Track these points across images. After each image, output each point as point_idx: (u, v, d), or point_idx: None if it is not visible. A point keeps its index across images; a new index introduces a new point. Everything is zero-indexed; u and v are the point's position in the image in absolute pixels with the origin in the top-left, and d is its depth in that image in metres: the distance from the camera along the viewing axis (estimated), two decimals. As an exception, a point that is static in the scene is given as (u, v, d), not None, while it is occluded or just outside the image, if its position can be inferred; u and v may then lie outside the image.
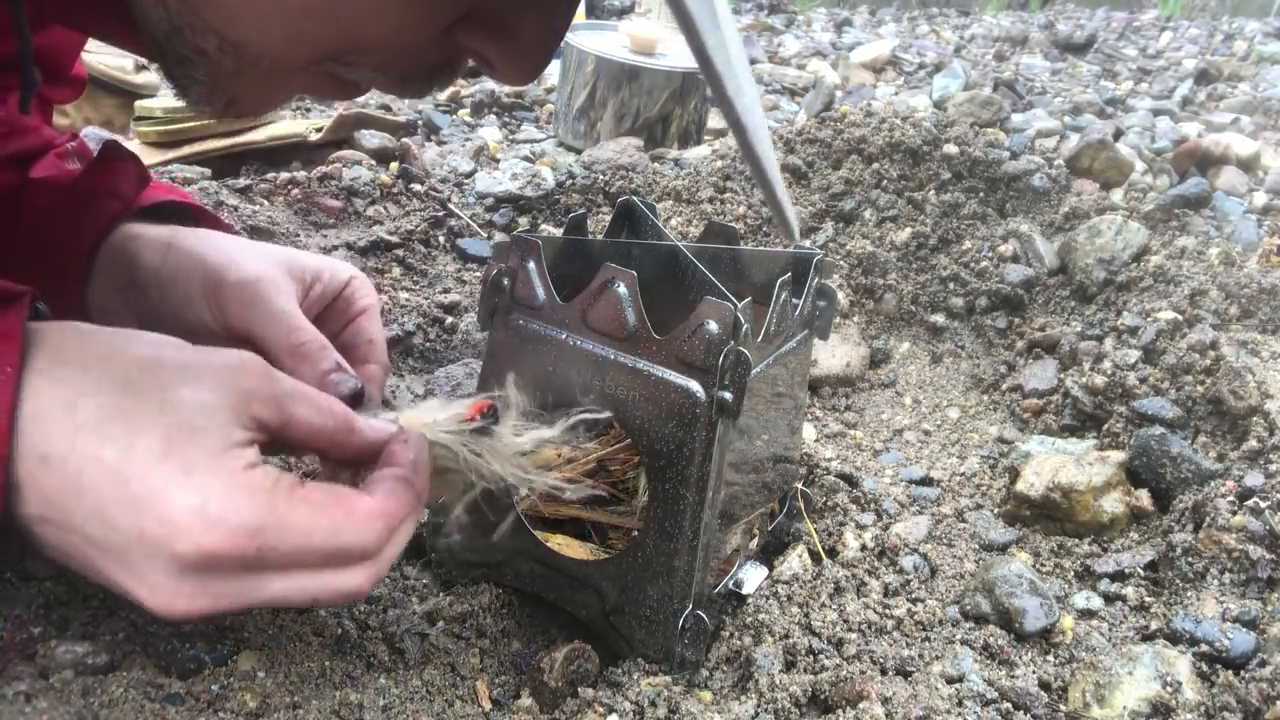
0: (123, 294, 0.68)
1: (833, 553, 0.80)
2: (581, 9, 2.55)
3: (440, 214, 1.39)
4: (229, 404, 0.48)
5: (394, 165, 1.52)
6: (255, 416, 0.49)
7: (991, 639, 0.69)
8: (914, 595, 0.74)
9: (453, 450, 0.56)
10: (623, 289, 0.62)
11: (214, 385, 0.48)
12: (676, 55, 1.86)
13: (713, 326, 0.59)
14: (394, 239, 1.28)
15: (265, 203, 1.28)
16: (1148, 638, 0.70)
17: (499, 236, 1.39)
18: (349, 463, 0.55)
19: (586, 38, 1.87)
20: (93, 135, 1.58)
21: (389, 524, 0.51)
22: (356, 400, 0.62)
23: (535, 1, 0.50)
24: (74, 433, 0.45)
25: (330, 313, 0.72)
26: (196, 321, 0.66)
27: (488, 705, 0.63)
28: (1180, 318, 1.01)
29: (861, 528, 0.83)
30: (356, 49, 0.50)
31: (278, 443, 0.51)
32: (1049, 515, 0.85)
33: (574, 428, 0.60)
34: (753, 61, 2.78)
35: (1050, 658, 0.69)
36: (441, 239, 1.35)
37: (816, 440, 1.01)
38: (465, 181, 1.55)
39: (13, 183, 0.73)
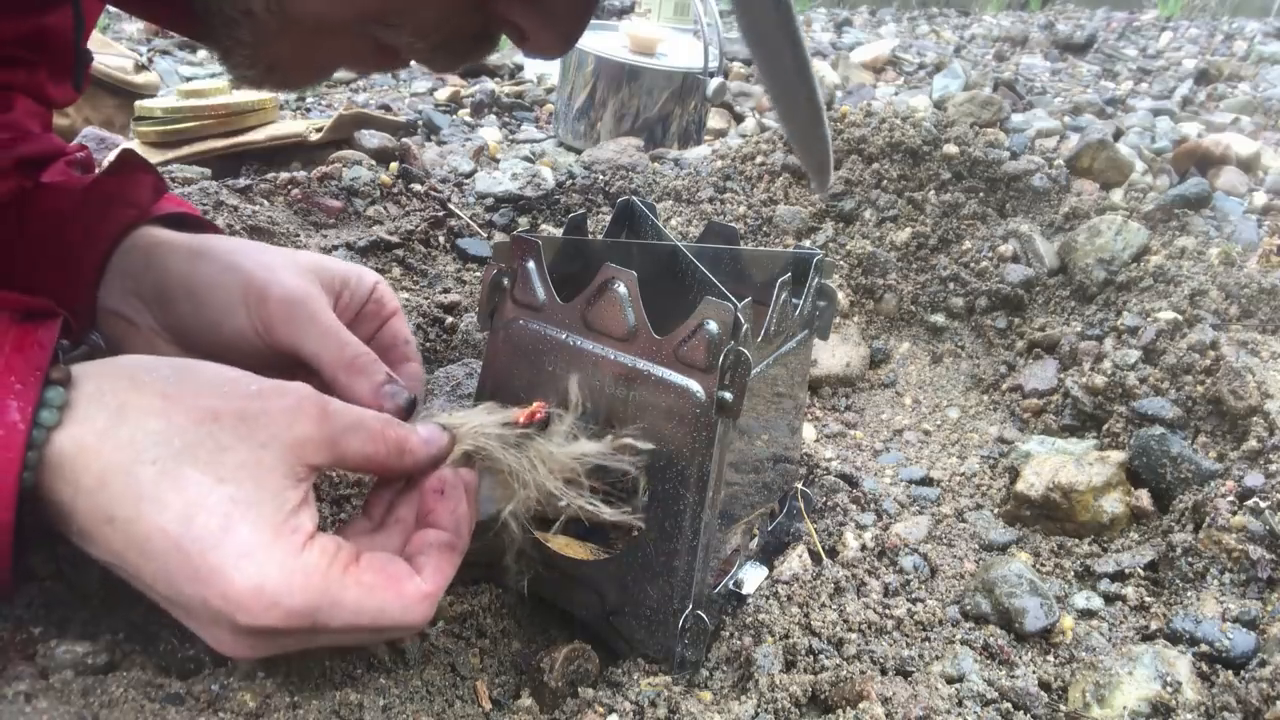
0: (141, 300, 0.68)
1: (833, 553, 0.80)
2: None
3: (440, 214, 1.39)
4: (284, 459, 0.50)
5: (394, 165, 1.52)
6: (309, 464, 0.51)
7: (991, 639, 0.69)
8: (914, 595, 0.74)
9: (497, 457, 0.58)
10: (623, 289, 0.62)
11: (268, 439, 0.50)
12: (676, 55, 1.86)
13: (713, 326, 0.59)
14: (394, 239, 1.28)
15: (265, 203, 1.28)
16: (1148, 638, 0.70)
17: (499, 236, 1.39)
18: (401, 478, 0.58)
19: (586, 38, 1.87)
20: (93, 135, 1.58)
21: (434, 601, 0.54)
22: (409, 410, 0.64)
23: None
24: (138, 500, 0.47)
25: (361, 318, 0.73)
26: (235, 334, 0.66)
27: (488, 705, 0.63)
28: (1180, 318, 1.01)
29: (861, 528, 0.83)
30: (398, 9, 0.51)
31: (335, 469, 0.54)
32: (1049, 515, 0.85)
33: (620, 449, 0.61)
34: (753, 61, 2.78)
35: (1050, 658, 0.69)
36: (441, 239, 1.35)
37: (816, 440, 1.01)
38: (465, 181, 1.55)
39: (23, 186, 0.73)
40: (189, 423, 0.49)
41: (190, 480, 0.48)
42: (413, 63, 0.59)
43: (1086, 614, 0.74)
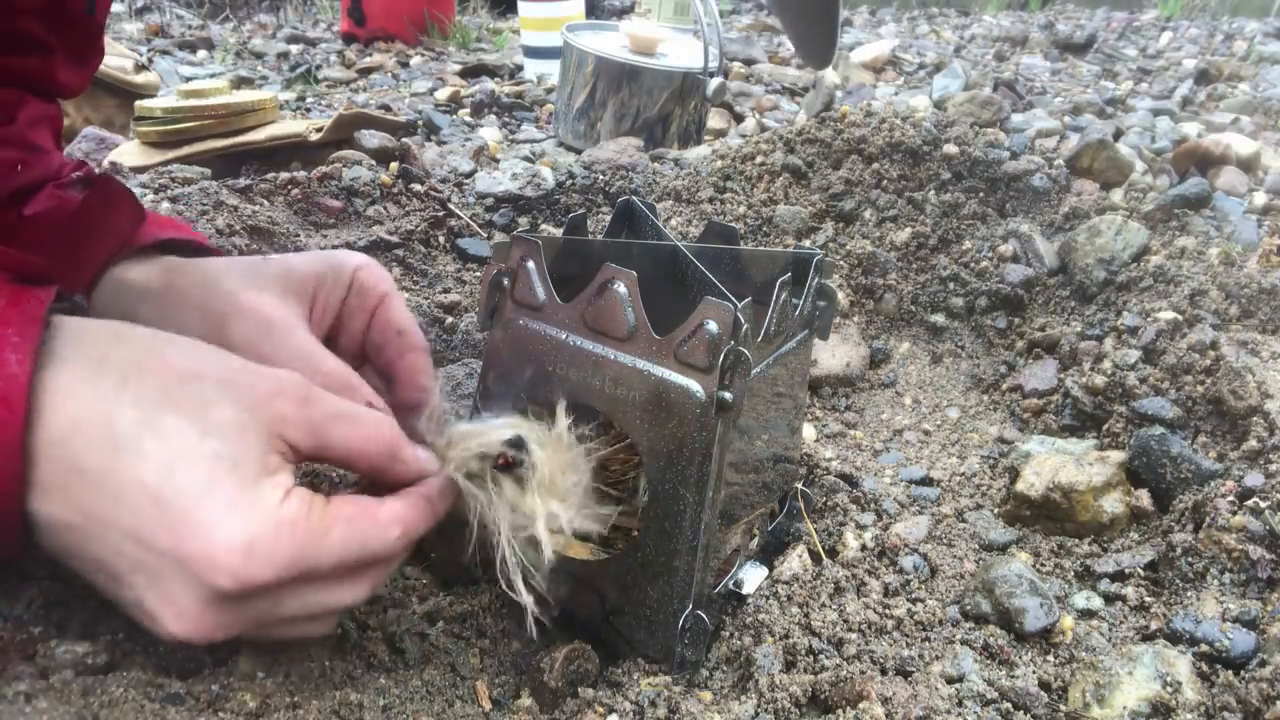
0: None
1: (833, 553, 0.80)
2: (581, 9, 2.56)
3: (440, 214, 1.39)
4: (263, 426, 0.49)
5: (394, 165, 1.52)
6: (287, 440, 0.50)
7: (991, 639, 0.69)
8: (914, 595, 0.74)
9: (468, 503, 0.57)
10: (623, 289, 0.62)
11: (250, 406, 0.49)
12: (676, 55, 1.86)
13: (713, 326, 0.59)
14: (394, 239, 1.28)
15: (265, 203, 1.28)
16: (1148, 638, 0.70)
17: (499, 236, 1.40)
18: (387, 487, 0.56)
19: (586, 38, 1.87)
20: (93, 135, 1.58)
21: (406, 531, 0.53)
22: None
23: None
24: (114, 450, 0.46)
25: (347, 312, 0.70)
26: None
27: (488, 705, 0.63)
28: (1180, 318, 1.01)
29: (861, 528, 0.83)
30: None
31: (317, 461, 0.52)
32: (1049, 515, 0.85)
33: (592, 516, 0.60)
34: (753, 62, 2.78)
35: (1050, 658, 0.69)
36: (441, 239, 1.35)
37: (816, 440, 1.01)
38: (465, 181, 1.55)
39: (8, 220, 0.71)
40: (173, 378, 0.48)
41: (173, 430, 0.47)
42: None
43: (1086, 614, 0.74)
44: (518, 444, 0.57)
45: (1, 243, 0.69)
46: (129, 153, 1.49)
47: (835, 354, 1.15)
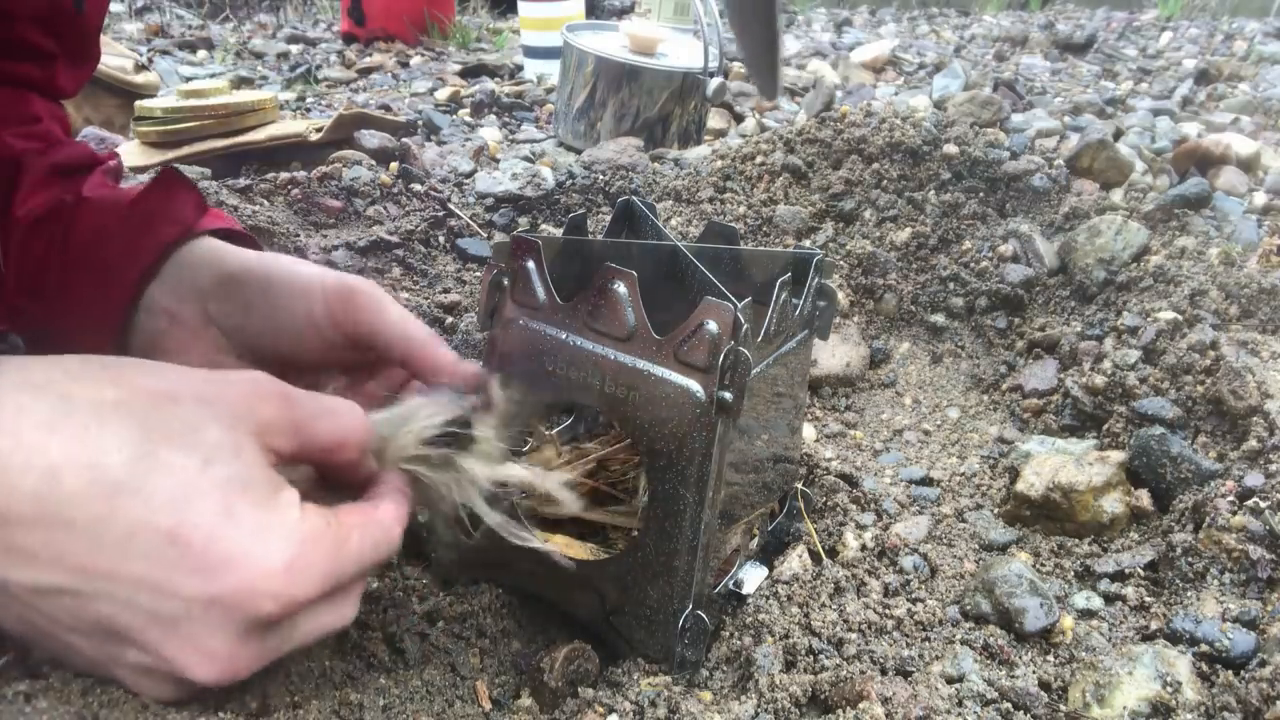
0: (198, 294, 0.67)
1: (833, 553, 0.80)
2: (581, 9, 2.56)
3: (440, 214, 1.39)
4: (253, 438, 0.47)
5: (394, 165, 1.52)
6: (273, 448, 0.48)
7: (991, 639, 0.69)
8: (914, 595, 0.74)
9: (430, 477, 0.57)
10: (623, 289, 0.62)
11: (232, 420, 0.46)
12: (676, 55, 1.86)
13: (713, 326, 0.59)
14: (394, 239, 1.28)
15: (265, 203, 1.28)
16: (1148, 638, 0.70)
17: (499, 236, 1.39)
18: (352, 484, 0.56)
19: (586, 38, 1.87)
20: (93, 135, 1.58)
21: (402, 528, 0.53)
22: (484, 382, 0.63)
23: None
24: (110, 496, 0.42)
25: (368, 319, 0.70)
26: (308, 320, 0.66)
27: (488, 705, 0.63)
28: (1180, 318, 1.01)
29: (861, 528, 0.83)
30: None
31: (297, 462, 0.52)
32: (1049, 515, 0.85)
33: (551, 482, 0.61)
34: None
35: (1050, 658, 0.69)
36: (441, 239, 1.35)
37: (816, 440, 1.01)
38: (465, 181, 1.55)
39: (60, 196, 0.72)
40: (148, 405, 0.44)
41: (174, 464, 0.43)
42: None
43: (1086, 614, 0.74)
44: (458, 422, 0.57)
45: (62, 223, 0.69)
46: (129, 153, 1.49)
47: (835, 354, 1.15)
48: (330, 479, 0.55)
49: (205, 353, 0.67)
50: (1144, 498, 0.84)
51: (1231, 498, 0.77)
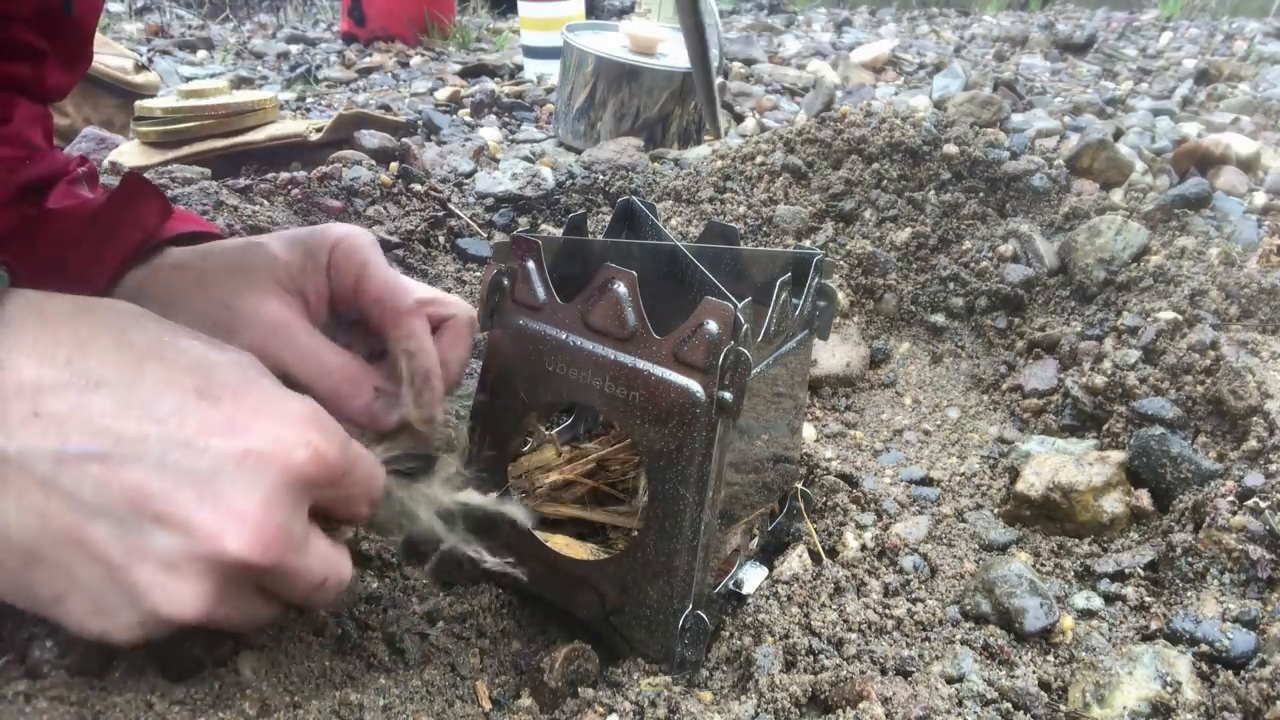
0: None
1: (833, 553, 0.80)
2: (581, 9, 2.56)
3: (440, 214, 1.39)
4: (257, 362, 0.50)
5: (394, 165, 1.52)
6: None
7: (991, 639, 0.69)
8: (914, 595, 0.74)
9: (391, 496, 0.59)
10: (623, 289, 0.62)
11: (235, 352, 0.49)
12: (676, 55, 1.86)
13: (713, 326, 0.59)
14: (394, 239, 1.28)
15: (265, 203, 1.28)
16: (1148, 638, 0.70)
17: (499, 236, 1.39)
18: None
19: (586, 38, 1.87)
20: (93, 135, 1.58)
21: (381, 473, 0.54)
22: (398, 424, 0.64)
23: None
24: (138, 360, 0.43)
25: (336, 293, 0.69)
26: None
27: (488, 705, 0.63)
28: (1180, 318, 1.01)
29: (861, 528, 0.83)
30: None
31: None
32: (1049, 515, 0.85)
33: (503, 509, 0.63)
34: (753, 62, 2.78)
35: (1050, 658, 0.69)
36: (441, 239, 1.35)
37: (816, 440, 1.01)
38: (465, 181, 1.55)
39: (26, 215, 0.72)
40: (165, 322, 0.48)
41: (193, 345, 0.45)
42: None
43: (1086, 614, 0.74)
44: (423, 456, 0.62)
45: (26, 238, 0.69)
46: (129, 153, 1.49)
47: (835, 354, 1.15)
48: None
49: None
50: (1144, 498, 0.84)
51: (1231, 498, 0.77)
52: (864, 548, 0.80)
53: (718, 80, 1.78)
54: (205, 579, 0.44)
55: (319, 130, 1.57)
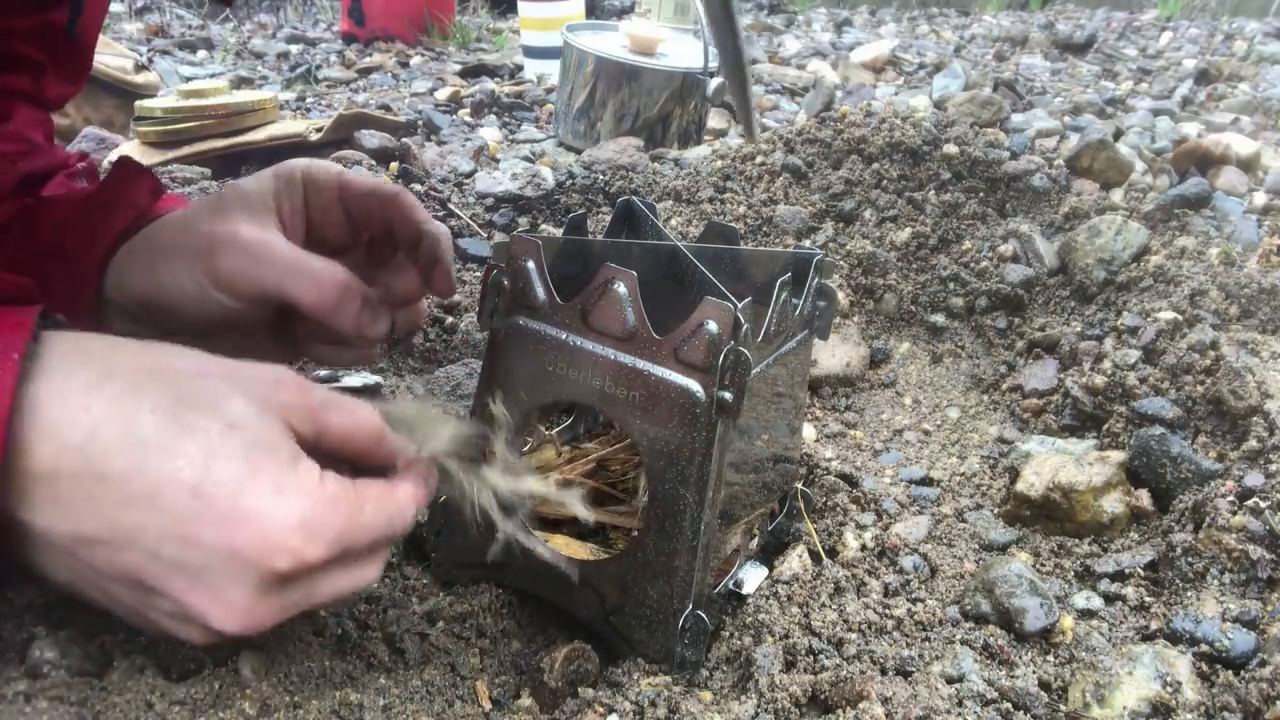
0: (140, 309, 0.68)
1: (833, 553, 0.80)
2: (581, 9, 2.55)
3: (440, 214, 1.39)
4: (276, 414, 0.50)
5: (394, 165, 1.52)
6: (294, 429, 0.51)
7: (991, 639, 0.69)
8: (914, 595, 0.74)
9: (454, 475, 0.59)
10: (623, 289, 0.62)
11: (260, 397, 0.49)
12: (676, 55, 1.86)
13: (713, 326, 0.59)
14: (394, 239, 1.28)
15: (265, 203, 1.27)
16: (1148, 638, 0.70)
17: (499, 236, 1.39)
18: (379, 471, 0.57)
19: (586, 38, 1.87)
20: (93, 135, 1.58)
21: (417, 507, 0.55)
22: (391, 335, 0.67)
23: None
24: (141, 453, 0.45)
25: (316, 210, 0.72)
26: (214, 309, 0.66)
27: (488, 705, 0.63)
28: (1180, 318, 1.01)
29: (861, 528, 0.83)
30: None
31: (312, 453, 0.53)
32: (1049, 515, 0.85)
33: (566, 485, 0.63)
34: (753, 62, 2.78)
35: (1050, 658, 0.69)
36: (441, 239, 1.34)
37: (816, 440, 1.01)
38: (465, 181, 1.55)
39: (24, 204, 0.73)
40: (181, 378, 0.48)
41: (199, 426, 0.46)
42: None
43: (1086, 614, 0.74)
44: (480, 437, 0.61)
45: (23, 224, 0.70)
46: (129, 153, 1.49)
47: (835, 354, 1.15)
48: (358, 466, 0.57)
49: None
50: (1144, 498, 0.84)
51: (1231, 498, 0.77)
52: (864, 548, 0.80)
53: (716, 81, 1.78)
54: (210, 633, 0.48)
55: (319, 130, 1.57)
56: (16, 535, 0.46)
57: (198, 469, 0.45)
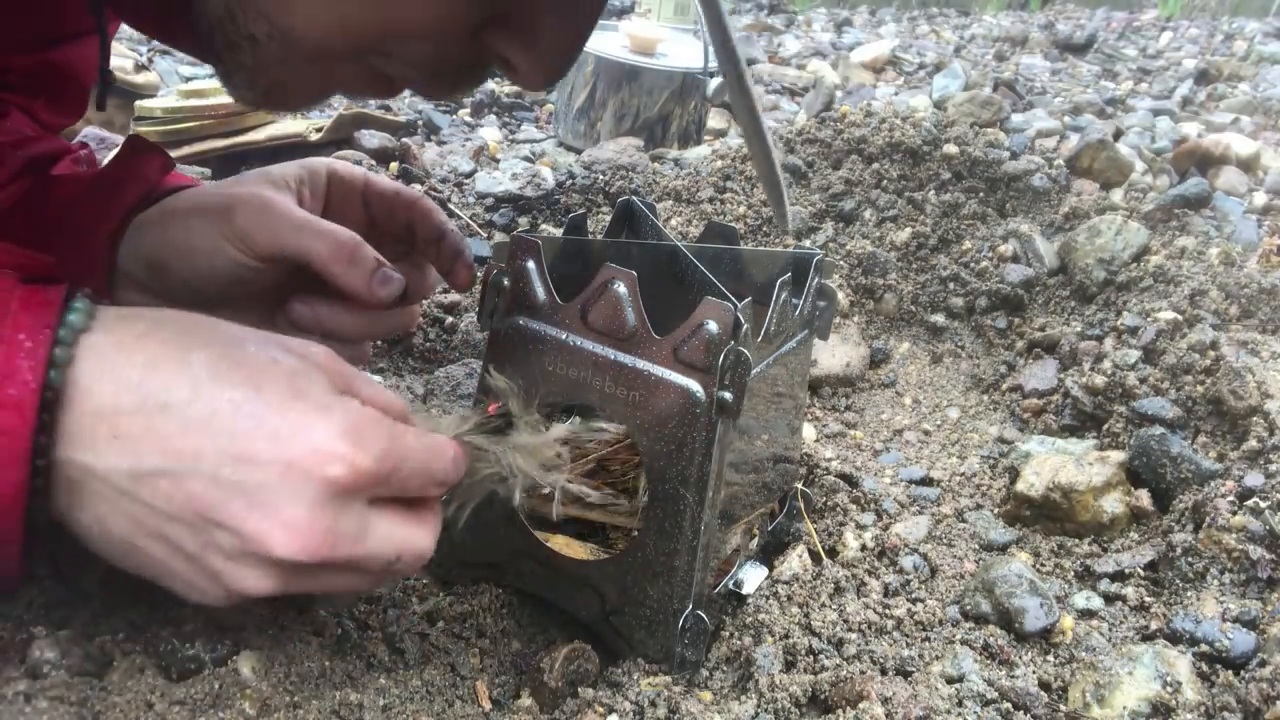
0: (147, 266, 0.69)
1: (833, 553, 0.80)
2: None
3: (440, 214, 1.38)
4: (314, 364, 0.52)
5: (394, 165, 1.52)
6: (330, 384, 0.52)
7: (991, 639, 0.69)
8: (914, 595, 0.74)
9: (485, 449, 0.59)
10: (623, 289, 0.62)
11: (298, 352, 0.52)
12: (676, 55, 1.86)
13: (713, 326, 0.59)
14: (394, 239, 1.28)
15: (265, 203, 1.27)
16: (1148, 638, 0.70)
17: (499, 236, 1.39)
18: None
19: (586, 38, 1.87)
20: (93, 135, 1.58)
21: (456, 461, 0.55)
22: (402, 295, 0.69)
23: (557, 5, 0.53)
24: (194, 382, 0.47)
25: (337, 202, 0.75)
26: (226, 266, 0.67)
27: (488, 705, 0.63)
28: (1180, 318, 1.01)
29: (861, 528, 0.83)
30: (395, 37, 0.53)
31: None
32: (1049, 515, 0.85)
33: (590, 428, 0.62)
34: (752, 62, 2.78)
35: (1050, 658, 0.69)
36: (441, 239, 1.34)
37: (816, 440, 1.01)
38: (465, 181, 1.55)
39: (33, 184, 0.74)
40: (225, 328, 0.51)
41: (246, 359, 0.49)
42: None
43: (1086, 614, 0.74)
44: (503, 412, 0.61)
45: (33, 204, 0.72)
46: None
47: (835, 354, 1.15)
48: None
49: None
50: (1144, 498, 0.84)
51: (1231, 498, 0.77)
52: (864, 548, 0.80)
53: (716, 81, 1.78)
54: (267, 571, 0.48)
55: (319, 130, 1.57)
56: (80, 494, 0.47)
57: (248, 392, 0.47)
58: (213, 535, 0.47)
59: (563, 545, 0.69)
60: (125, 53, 1.93)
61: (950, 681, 0.64)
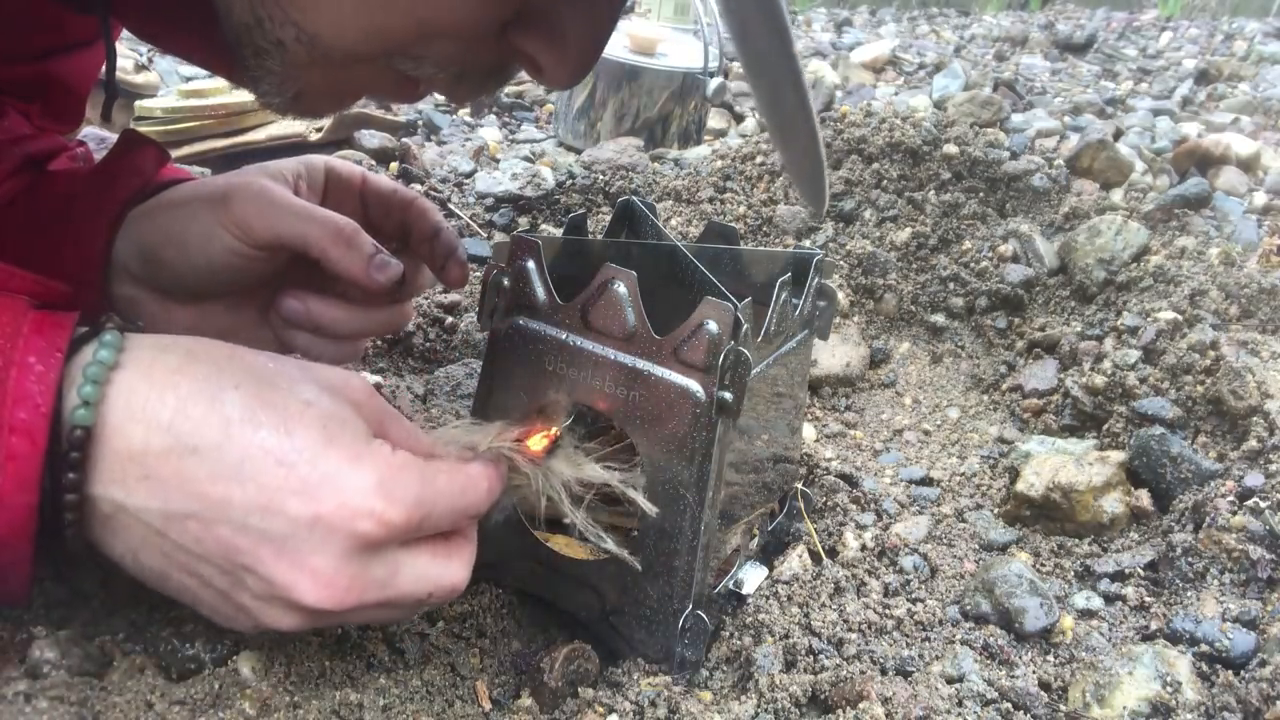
0: (141, 260, 0.68)
1: (833, 553, 0.80)
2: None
3: (440, 214, 1.38)
4: (348, 402, 0.51)
5: (394, 165, 1.52)
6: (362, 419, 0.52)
7: (991, 639, 0.69)
8: (914, 595, 0.74)
9: (519, 466, 0.59)
10: (623, 289, 0.62)
11: (332, 387, 0.52)
12: (676, 55, 1.86)
13: (713, 326, 0.59)
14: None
15: (265, 203, 1.27)
16: (1148, 638, 0.70)
17: (499, 236, 1.39)
18: None
19: (586, 38, 1.87)
20: (93, 135, 1.58)
21: (490, 489, 0.55)
22: (401, 282, 0.69)
23: (581, 3, 0.53)
24: (225, 423, 0.46)
25: (334, 199, 0.75)
26: (222, 255, 0.67)
27: (488, 705, 0.63)
28: (1180, 318, 1.01)
29: (861, 528, 0.83)
30: (424, 38, 0.53)
31: None
32: (1049, 515, 0.85)
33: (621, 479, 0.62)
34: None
35: (1050, 658, 0.69)
36: (441, 239, 1.34)
37: (816, 440, 1.01)
38: (465, 181, 1.55)
39: (32, 180, 0.74)
40: (258, 365, 0.50)
41: (279, 401, 0.48)
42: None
43: (1086, 614, 0.74)
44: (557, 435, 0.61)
45: (29, 199, 0.72)
46: (129, 153, 1.49)
47: (835, 354, 1.15)
48: None
49: (170, 317, 0.69)
50: (1144, 498, 0.84)
51: (1231, 498, 0.77)
52: (864, 548, 0.80)
53: (716, 81, 1.78)
54: (296, 613, 0.49)
55: (319, 130, 1.57)
56: (112, 527, 0.47)
57: (280, 439, 0.47)
58: (242, 578, 0.48)
59: (563, 545, 0.69)
60: (125, 53, 1.93)
61: (950, 681, 0.64)
